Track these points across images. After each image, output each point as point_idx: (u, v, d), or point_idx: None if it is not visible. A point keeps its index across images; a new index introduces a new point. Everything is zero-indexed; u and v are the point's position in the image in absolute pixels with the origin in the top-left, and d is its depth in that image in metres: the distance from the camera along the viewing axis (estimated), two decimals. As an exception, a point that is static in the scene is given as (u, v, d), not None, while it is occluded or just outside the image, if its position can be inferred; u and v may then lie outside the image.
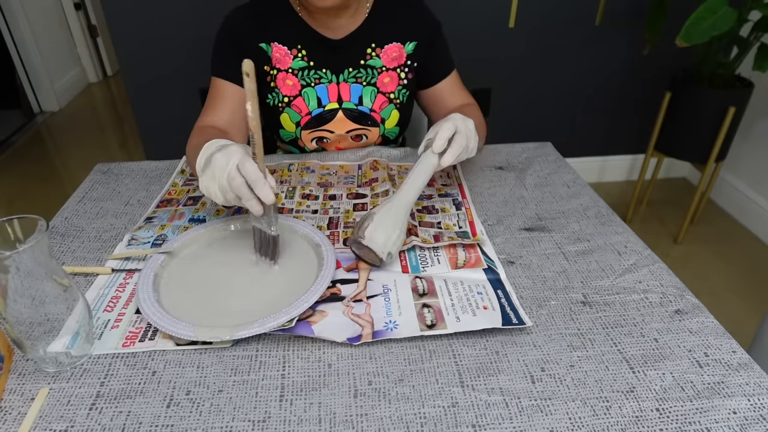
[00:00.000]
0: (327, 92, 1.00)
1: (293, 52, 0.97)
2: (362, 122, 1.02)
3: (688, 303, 0.65)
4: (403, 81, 1.02)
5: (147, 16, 1.84)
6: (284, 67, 0.98)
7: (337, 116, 1.01)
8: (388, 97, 1.01)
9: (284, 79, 0.98)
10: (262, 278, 0.69)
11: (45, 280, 0.52)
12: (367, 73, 1.00)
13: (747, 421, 0.51)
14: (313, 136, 1.03)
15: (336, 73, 0.99)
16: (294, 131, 1.02)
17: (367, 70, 1.00)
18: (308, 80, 0.99)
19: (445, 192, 0.89)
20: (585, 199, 0.88)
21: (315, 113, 1.00)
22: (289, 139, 1.04)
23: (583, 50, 2.11)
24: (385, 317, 0.62)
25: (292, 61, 0.98)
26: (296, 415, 0.52)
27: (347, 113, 1.01)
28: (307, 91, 0.99)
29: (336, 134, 1.03)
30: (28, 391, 0.55)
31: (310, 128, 1.01)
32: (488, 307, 0.63)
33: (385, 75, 1.00)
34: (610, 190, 2.41)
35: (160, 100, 2.00)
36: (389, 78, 1.01)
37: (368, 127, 1.03)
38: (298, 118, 1.00)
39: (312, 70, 0.98)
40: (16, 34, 3.13)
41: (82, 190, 0.93)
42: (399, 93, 1.03)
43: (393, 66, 1.01)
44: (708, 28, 1.56)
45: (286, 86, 0.99)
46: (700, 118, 1.85)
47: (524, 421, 0.51)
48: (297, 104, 0.99)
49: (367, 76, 1.00)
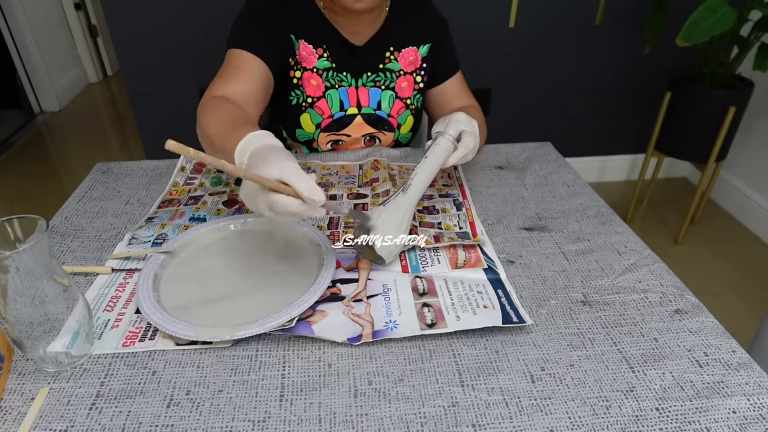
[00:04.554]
0: (348, 96, 0.99)
1: (318, 52, 0.96)
2: (378, 126, 1.02)
3: (688, 303, 0.65)
4: (419, 85, 1.02)
5: (147, 16, 1.84)
6: (309, 66, 0.96)
7: (356, 121, 1.01)
8: (404, 103, 1.01)
9: (309, 78, 0.96)
10: (262, 278, 0.69)
11: (45, 280, 0.52)
12: (386, 76, 1.00)
13: (747, 420, 0.51)
14: (330, 138, 1.02)
15: (356, 77, 0.99)
16: (312, 132, 1.00)
17: (386, 73, 1.00)
18: (332, 82, 0.98)
19: (446, 192, 0.89)
20: (585, 199, 0.88)
21: (336, 116, 1.00)
22: (305, 140, 1.02)
23: (583, 50, 2.11)
24: (385, 317, 0.62)
25: (317, 60, 0.96)
26: (296, 415, 0.52)
27: (366, 118, 1.01)
28: (331, 93, 0.98)
29: (352, 137, 1.03)
30: (28, 390, 0.55)
31: (330, 131, 1.01)
32: (488, 306, 0.63)
33: (402, 79, 1.00)
34: (611, 190, 2.41)
35: (160, 100, 2.00)
36: (407, 83, 1.01)
37: (384, 131, 1.03)
38: (319, 120, 0.99)
39: (334, 71, 0.98)
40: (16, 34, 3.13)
41: (81, 190, 0.93)
42: (414, 98, 1.03)
43: (410, 70, 1.01)
44: (708, 27, 1.56)
45: (311, 86, 0.97)
46: (701, 118, 1.85)
47: (524, 420, 0.51)
48: (320, 106, 0.98)
49: (386, 80, 1.00)
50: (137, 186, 0.94)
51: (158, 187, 0.93)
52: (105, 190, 0.93)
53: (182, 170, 0.98)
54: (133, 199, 0.90)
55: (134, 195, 0.91)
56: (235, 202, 0.87)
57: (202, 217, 0.82)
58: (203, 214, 0.83)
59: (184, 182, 0.94)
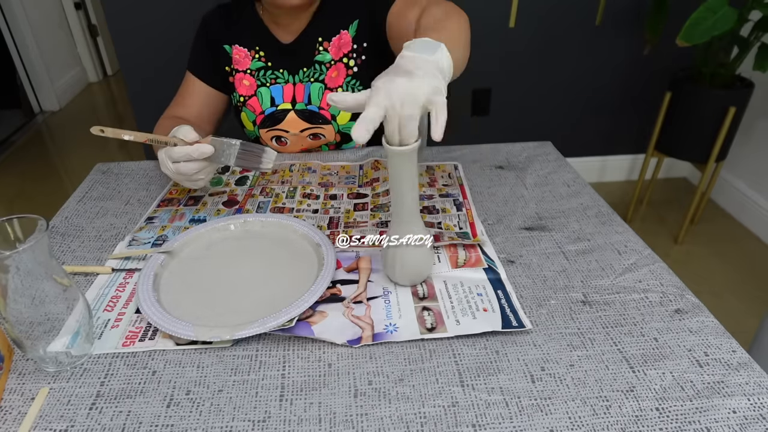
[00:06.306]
0: (282, 92, 1.01)
1: (251, 54, 1.01)
2: (314, 121, 1.02)
3: (688, 302, 0.65)
4: (352, 70, 0.98)
5: (147, 15, 1.84)
6: (243, 68, 1.02)
7: (289, 116, 1.02)
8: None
9: (241, 79, 1.02)
10: (262, 278, 0.69)
11: (45, 280, 0.52)
12: (317, 69, 0.99)
13: (747, 420, 0.51)
14: (270, 134, 1.05)
15: (292, 74, 1.00)
16: (253, 129, 1.05)
17: (316, 66, 0.99)
18: (264, 80, 1.01)
19: (446, 192, 0.89)
20: (585, 199, 0.88)
21: (268, 112, 1.02)
22: (252, 137, 1.08)
23: (583, 50, 2.11)
24: (385, 319, 0.62)
25: (251, 62, 1.01)
26: (296, 414, 0.52)
27: (299, 113, 1.01)
28: (262, 90, 1.02)
29: (291, 134, 1.03)
30: (28, 390, 0.55)
31: (266, 127, 1.04)
32: (488, 309, 0.63)
33: (332, 69, 0.99)
34: (611, 190, 2.41)
35: (160, 99, 1.99)
36: (336, 72, 0.99)
37: (321, 125, 1.02)
38: (253, 117, 1.03)
39: (269, 70, 1.01)
40: (16, 34, 3.13)
41: (82, 190, 0.93)
42: (348, 86, 0.99)
43: (339, 57, 0.98)
44: (708, 28, 1.56)
45: (243, 86, 1.02)
46: (701, 118, 1.85)
47: (524, 420, 0.51)
48: (251, 104, 1.03)
49: (316, 73, 0.99)
50: (137, 186, 0.94)
51: (158, 187, 0.93)
52: (105, 190, 0.93)
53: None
54: (133, 199, 0.90)
55: (134, 195, 0.91)
56: (236, 202, 0.87)
57: (202, 219, 0.82)
58: (203, 215, 0.83)
59: (184, 182, 0.94)
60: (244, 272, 0.70)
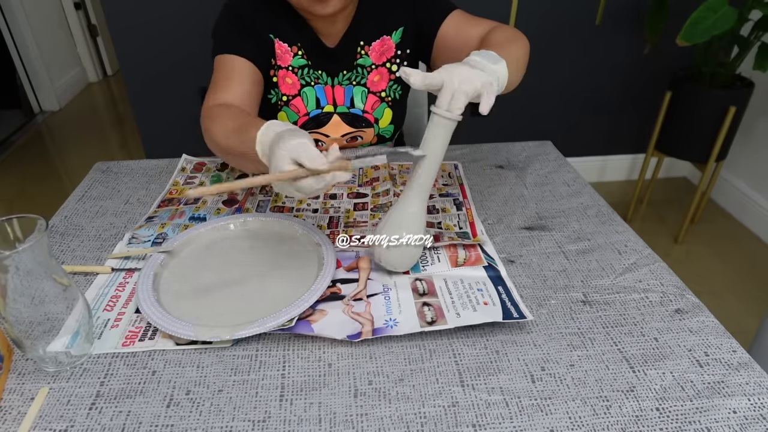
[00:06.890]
0: (324, 93, 0.99)
1: (293, 50, 0.96)
2: (356, 124, 1.01)
3: (688, 302, 0.65)
4: (395, 75, 0.99)
5: (147, 15, 1.84)
6: (285, 64, 0.96)
7: (333, 119, 0.99)
8: (379, 96, 1.00)
9: (284, 76, 0.97)
10: (261, 278, 0.69)
11: (45, 280, 0.52)
12: (358, 73, 0.99)
13: (747, 420, 0.50)
14: None
15: (331, 76, 0.98)
16: None
17: (358, 69, 0.99)
18: (307, 79, 0.98)
19: (446, 192, 0.89)
20: (585, 198, 0.88)
21: (313, 114, 0.99)
22: None
23: (583, 50, 2.11)
24: (385, 315, 0.62)
25: (293, 58, 0.96)
26: (296, 414, 0.52)
27: (342, 117, 1.00)
28: (306, 90, 0.98)
29: (331, 138, 1.01)
30: (28, 390, 0.55)
31: (308, 129, 1.00)
32: (489, 303, 0.63)
33: (374, 73, 0.99)
34: (611, 190, 2.41)
35: (160, 99, 2.00)
36: (379, 76, 0.99)
37: (363, 129, 1.02)
38: (295, 119, 0.99)
39: (311, 69, 0.97)
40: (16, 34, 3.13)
41: (81, 189, 0.93)
42: (390, 90, 1.00)
43: (382, 62, 0.98)
44: (708, 27, 1.56)
45: (286, 84, 0.97)
46: (701, 117, 1.85)
47: (524, 420, 0.51)
48: (295, 104, 0.98)
49: (357, 76, 0.99)
50: (137, 185, 0.94)
51: (158, 187, 0.93)
52: (105, 190, 0.93)
53: (182, 170, 0.98)
54: (132, 199, 0.90)
55: (134, 194, 0.91)
56: (235, 201, 0.87)
57: (202, 217, 0.82)
58: (203, 214, 0.83)
59: (184, 182, 0.94)
60: (244, 272, 0.70)
